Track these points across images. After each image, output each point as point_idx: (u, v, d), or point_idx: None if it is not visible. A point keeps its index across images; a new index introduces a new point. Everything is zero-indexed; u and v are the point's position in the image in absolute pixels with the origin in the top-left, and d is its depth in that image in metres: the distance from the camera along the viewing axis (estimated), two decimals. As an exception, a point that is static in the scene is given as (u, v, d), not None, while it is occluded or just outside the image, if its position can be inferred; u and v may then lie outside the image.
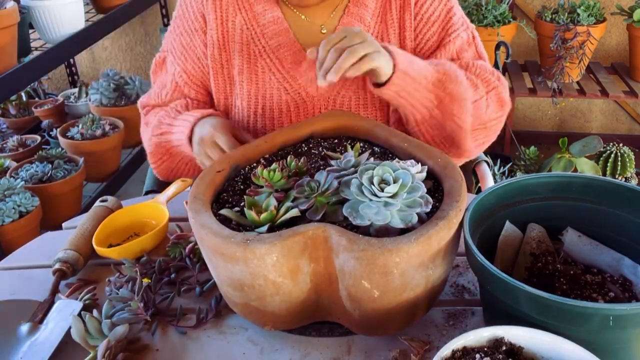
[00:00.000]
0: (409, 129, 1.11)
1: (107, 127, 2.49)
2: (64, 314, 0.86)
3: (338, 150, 0.96)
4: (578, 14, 2.57)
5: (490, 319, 0.82)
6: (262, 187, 0.81)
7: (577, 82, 2.72)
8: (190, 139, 1.09)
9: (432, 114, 1.06)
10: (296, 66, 1.13)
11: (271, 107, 1.14)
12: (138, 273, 0.91)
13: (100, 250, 0.99)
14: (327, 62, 0.92)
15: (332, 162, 0.86)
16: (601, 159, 2.39)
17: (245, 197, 0.80)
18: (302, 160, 0.86)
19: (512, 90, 2.73)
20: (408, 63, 1.00)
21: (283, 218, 0.76)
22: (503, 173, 2.49)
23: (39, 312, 0.88)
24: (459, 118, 1.05)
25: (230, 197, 0.85)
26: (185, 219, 1.06)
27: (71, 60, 3.18)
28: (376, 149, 0.95)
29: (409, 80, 1.00)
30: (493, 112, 1.13)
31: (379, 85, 1.01)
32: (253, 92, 1.14)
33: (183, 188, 1.14)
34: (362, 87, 1.14)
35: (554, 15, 2.64)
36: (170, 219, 1.07)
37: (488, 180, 1.35)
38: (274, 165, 0.81)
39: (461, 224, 0.77)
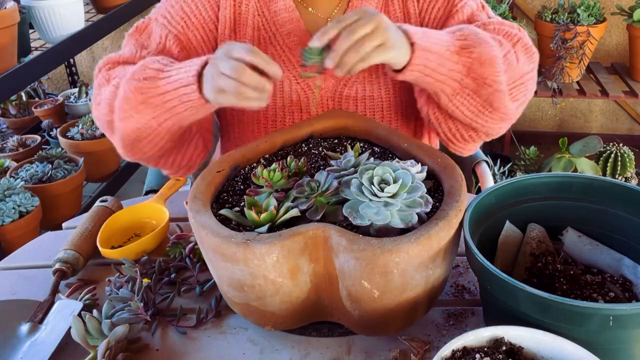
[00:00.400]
0: (444, 107, 1.05)
1: (107, 127, 2.49)
2: (64, 314, 0.86)
3: (338, 150, 0.96)
4: (578, 14, 2.57)
5: (490, 319, 0.81)
6: (262, 187, 0.81)
7: (577, 82, 2.72)
8: (199, 75, 0.92)
9: (462, 84, 1.00)
10: None
11: (282, 96, 1.14)
12: (138, 273, 0.91)
13: (104, 251, 0.99)
14: (335, 53, 0.89)
15: (332, 162, 0.86)
16: (601, 159, 2.39)
17: (245, 197, 0.80)
18: (302, 160, 0.86)
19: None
20: (426, 39, 0.95)
21: (283, 218, 0.76)
22: (503, 173, 2.49)
23: (39, 312, 0.88)
24: (493, 80, 0.99)
25: (230, 197, 0.85)
26: (185, 219, 1.06)
27: (71, 60, 3.18)
28: (376, 149, 0.95)
29: (431, 56, 0.95)
30: (525, 65, 1.06)
31: (399, 70, 0.96)
32: None
33: (177, 187, 1.14)
34: (373, 71, 1.12)
35: (554, 15, 2.64)
36: (171, 219, 1.07)
37: (488, 180, 1.35)
38: (274, 165, 0.81)
39: (461, 224, 0.77)
